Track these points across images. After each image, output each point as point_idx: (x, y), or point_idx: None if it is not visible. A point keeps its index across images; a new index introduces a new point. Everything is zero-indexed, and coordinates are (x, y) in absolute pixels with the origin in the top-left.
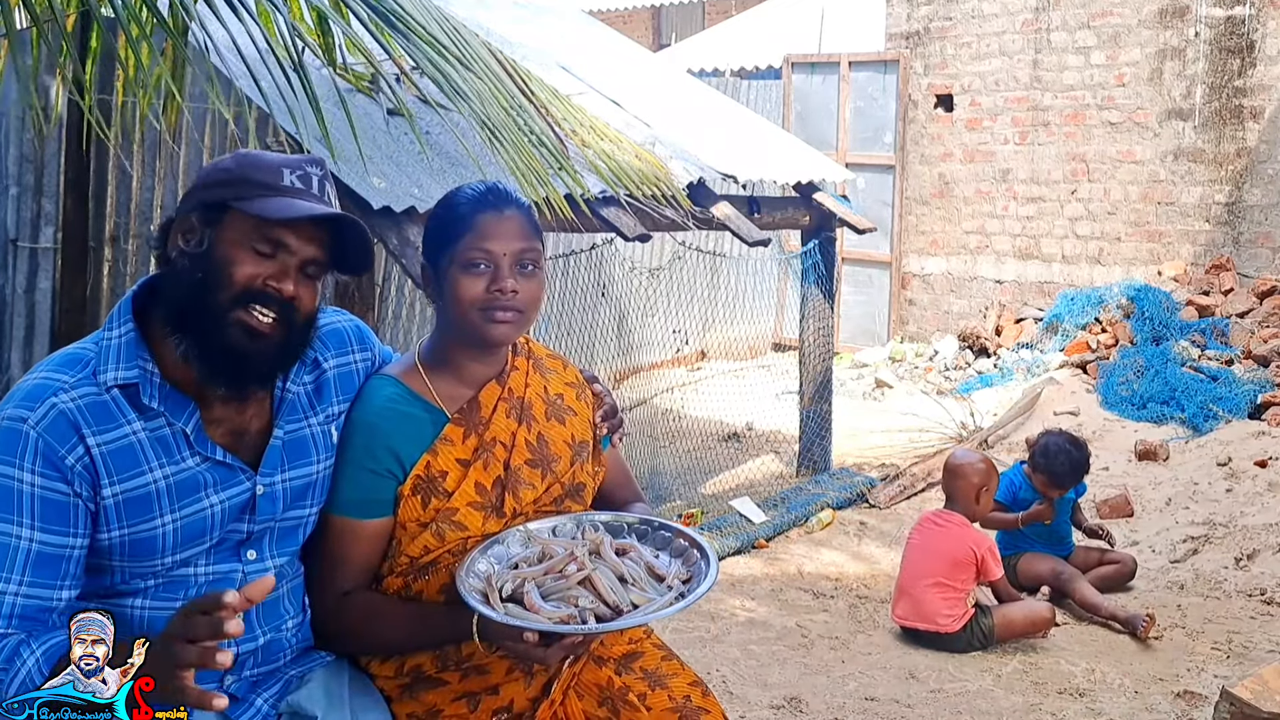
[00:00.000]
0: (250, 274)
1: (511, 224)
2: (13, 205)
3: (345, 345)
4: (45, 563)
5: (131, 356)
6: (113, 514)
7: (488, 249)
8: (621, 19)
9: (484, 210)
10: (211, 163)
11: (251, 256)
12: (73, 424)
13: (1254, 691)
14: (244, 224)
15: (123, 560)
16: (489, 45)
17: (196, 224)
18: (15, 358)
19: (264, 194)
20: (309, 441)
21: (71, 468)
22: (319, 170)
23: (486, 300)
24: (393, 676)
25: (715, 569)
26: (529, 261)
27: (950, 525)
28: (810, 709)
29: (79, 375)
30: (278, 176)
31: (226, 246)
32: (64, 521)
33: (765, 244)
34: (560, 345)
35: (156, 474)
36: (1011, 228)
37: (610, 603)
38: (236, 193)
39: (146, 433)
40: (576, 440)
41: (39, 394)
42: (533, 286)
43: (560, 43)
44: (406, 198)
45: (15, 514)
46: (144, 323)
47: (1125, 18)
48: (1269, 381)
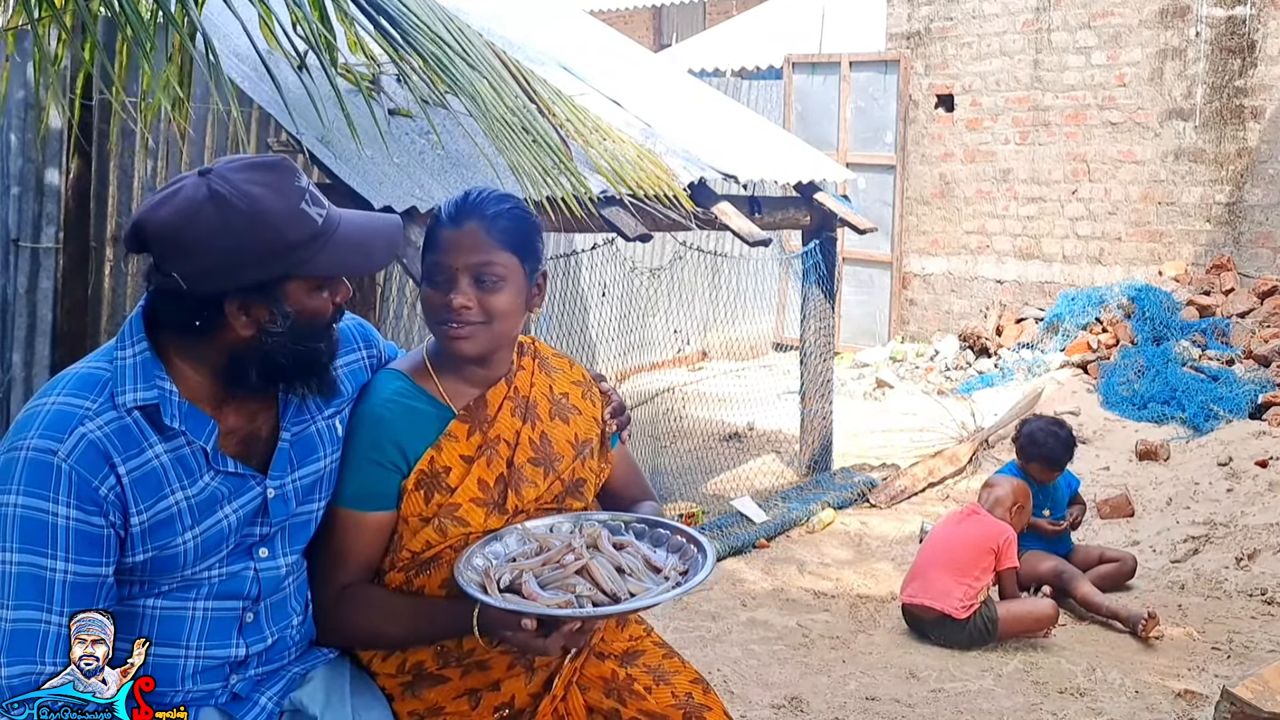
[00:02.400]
0: (327, 307)
1: (470, 237)
2: (14, 205)
3: (351, 344)
4: (81, 592)
5: (149, 376)
6: (139, 539)
7: (443, 262)
8: (622, 19)
9: (444, 224)
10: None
11: (323, 297)
12: (103, 454)
13: (1255, 691)
14: (311, 280)
15: (145, 576)
16: (493, 46)
17: (259, 304)
18: (17, 358)
19: (316, 249)
20: (315, 437)
21: (105, 498)
22: (303, 176)
23: (439, 313)
24: (394, 674)
25: (712, 560)
26: (489, 275)
27: (976, 514)
28: (811, 708)
29: (100, 400)
30: (309, 223)
31: (307, 304)
32: (97, 552)
33: (766, 244)
34: (561, 345)
35: (178, 495)
36: (1012, 228)
37: (608, 591)
38: (291, 262)
39: (168, 455)
40: (580, 439)
41: (64, 423)
42: (496, 299)
43: (562, 43)
44: (408, 198)
45: (50, 547)
46: (154, 339)
47: (1126, 18)
48: (1269, 381)
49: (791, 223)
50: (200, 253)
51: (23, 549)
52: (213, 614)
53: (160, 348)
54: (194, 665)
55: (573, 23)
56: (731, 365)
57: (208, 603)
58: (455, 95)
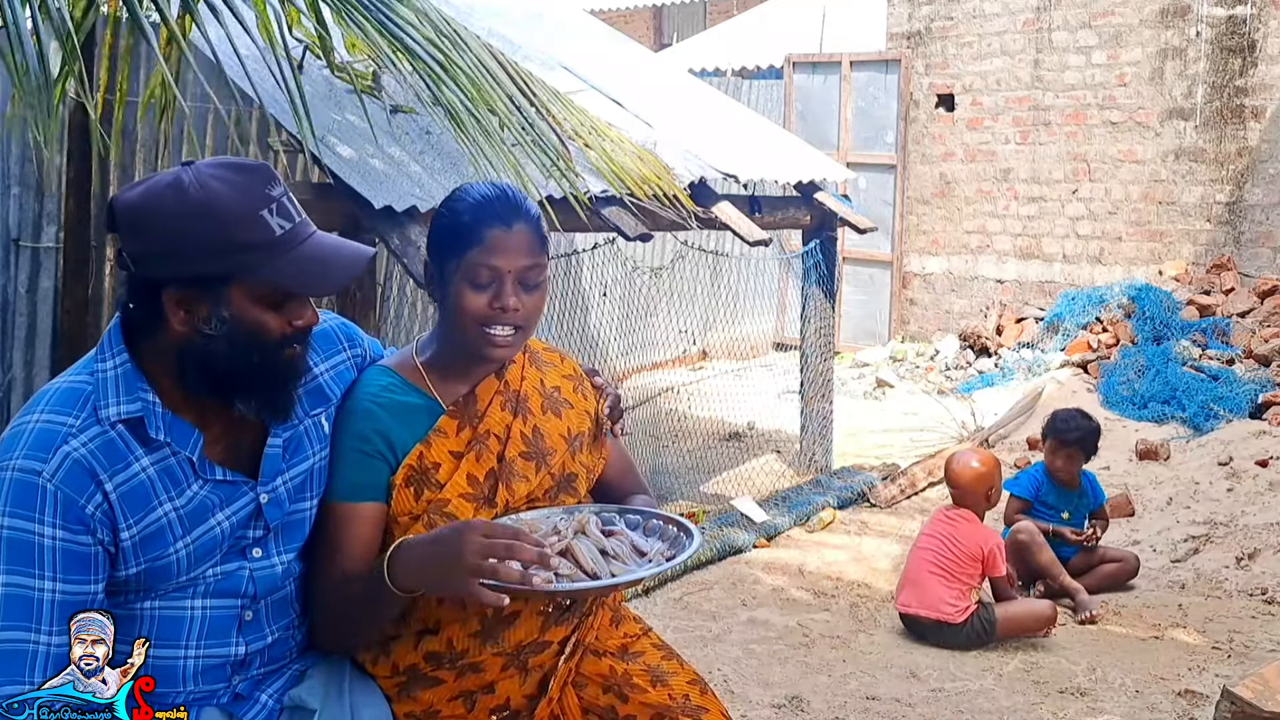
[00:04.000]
0: (279, 325)
1: (520, 239)
2: (14, 204)
3: (334, 345)
4: (71, 611)
5: (132, 388)
6: (130, 553)
7: (494, 265)
8: (623, 19)
9: (493, 224)
10: (152, 206)
11: (273, 314)
12: (89, 471)
13: (1255, 691)
14: (257, 289)
15: (139, 585)
16: (490, 47)
17: (197, 301)
18: (17, 357)
19: (265, 257)
20: (303, 436)
21: (92, 516)
22: (279, 187)
23: (488, 316)
24: (389, 675)
25: (698, 540)
26: (534, 278)
27: (961, 521)
28: (811, 708)
29: (83, 416)
30: (264, 230)
31: (249, 312)
32: (85, 570)
33: (766, 244)
34: (562, 345)
35: (166, 507)
36: (1013, 227)
37: (588, 571)
38: (235, 263)
39: (154, 467)
40: (572, 433)
41: (48, 441)
42: (535, 300)
43: (562, 43)
44: (408, 197)
45: (37, 567)
46: (134, 350)
47: (1126, 17)
48: (1270, 381)
49: (792, 222)
50: (148, 234)
51: (10, 570)
52: (211, 613)
53: (138, 358)
54: (195, 665)
55: (573, 22)
56: (732, 365)
57: (205, 601)
58: (440, 103)
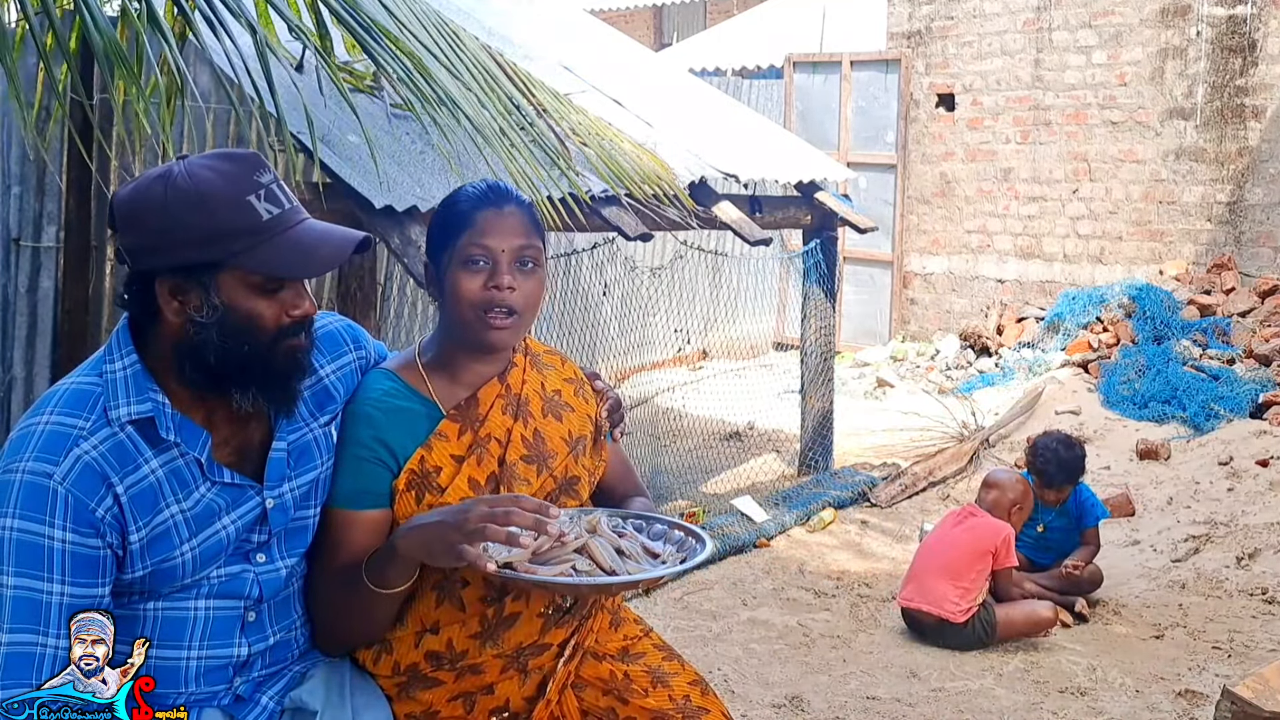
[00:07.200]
0: (274, 314)
1: (511, 220)
2: (15, 204)
3: (340, 346)
4: (77, 612)
5: (142, 389)
6: (137, 555)
7: (486, 245)
8: (623, 18)
9: (484, 207)
10: (142, 199)
11: (267, 302)
12: (100, 474)
13: (1255, 690)
14: (246, 275)
15: (144, 587)
16: (488, 48)
17: (188, 289)
18: (18, 356)
19: (253, 242)
20: (312, 445)
21: (102, 519)
22: (268, 174)
23: (484, 298)
24: (389, 676)
25: (710, 547)
26: (529, 259)
27: (974, 518)
28: (812, 708)
29: (93, 417)
30: (252, 214)
31: (240, 299)
32: (93, 574)
33: (767, 243)
34: (561, 345)
35: (174, 509)
36: (1013, 227)
37: (606, 568)
38: (223, 249)
39: (163, 469)
40: (574, 436)
41: (58, 444)
42: (532, 285)
43: (562, 42)
44: (409, 197)
45: (46, 570)
46: (142, 352)
47: (1127, 17)
48: (1270, 381)
49: (792, 222)
50: (139, 226)
51: (19, 572)
52: (214, 614)
53: (146, 359)
54: (197, 666)
55: (574, 22)
56: (732, 364)
57: (208, 602)
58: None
